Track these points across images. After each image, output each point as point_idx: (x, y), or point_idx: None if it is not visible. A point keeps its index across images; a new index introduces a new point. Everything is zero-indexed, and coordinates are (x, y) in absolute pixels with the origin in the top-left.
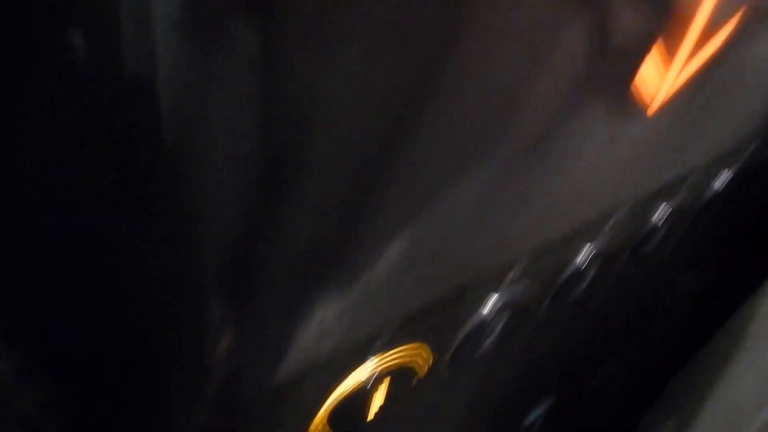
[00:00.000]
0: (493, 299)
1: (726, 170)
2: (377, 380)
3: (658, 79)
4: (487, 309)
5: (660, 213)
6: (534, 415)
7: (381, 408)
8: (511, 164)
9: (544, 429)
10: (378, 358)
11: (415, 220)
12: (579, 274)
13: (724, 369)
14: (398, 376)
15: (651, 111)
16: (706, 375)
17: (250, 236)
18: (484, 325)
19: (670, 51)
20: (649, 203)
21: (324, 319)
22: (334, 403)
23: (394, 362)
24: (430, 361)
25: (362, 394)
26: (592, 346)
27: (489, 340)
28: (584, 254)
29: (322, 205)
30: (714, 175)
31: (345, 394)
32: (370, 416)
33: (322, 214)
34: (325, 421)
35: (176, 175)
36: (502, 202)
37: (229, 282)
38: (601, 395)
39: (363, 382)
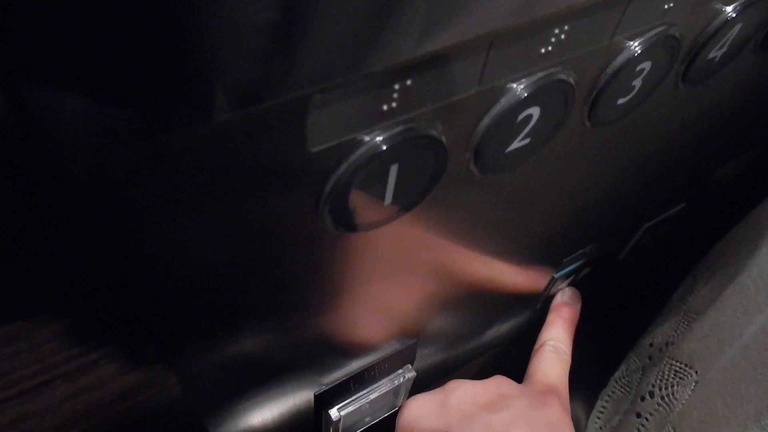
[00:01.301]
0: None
1: None
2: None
3: None
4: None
5: None
6: (573, 265)
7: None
8: None
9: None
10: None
11: None
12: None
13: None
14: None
15: None
16: (746, 244)
17: None
18: (510, 115)
19: None
20: None
21: None
22: None
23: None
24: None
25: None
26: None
27: (519, 141)
28: None
29: None
30: None
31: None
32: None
33: None
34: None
35: None
36: None
37: None
38: (640, 255)
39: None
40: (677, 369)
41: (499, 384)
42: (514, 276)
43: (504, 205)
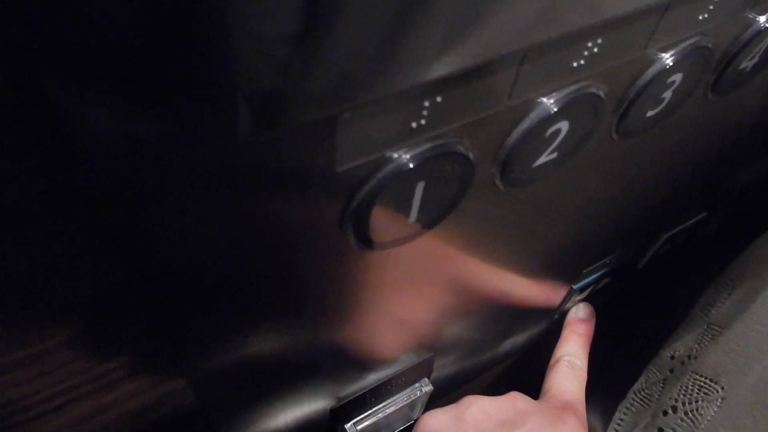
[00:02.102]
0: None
1: None
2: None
3: None
4: (540, 111)
5: None
6: (594, 275)
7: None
8: None
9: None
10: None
11: None
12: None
13: None
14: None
15: None
16: None
17: None
18: (539, 130)
19: None
20: None
21: None
22: None
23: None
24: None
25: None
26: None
27: (546, 155)
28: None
29: None
30: None
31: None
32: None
33: None
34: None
35: None
36: None
37: None
38: (660, 263)
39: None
40: (701, 384)
41: (515, 400)
42: (533, 288)
43: (525, 218)
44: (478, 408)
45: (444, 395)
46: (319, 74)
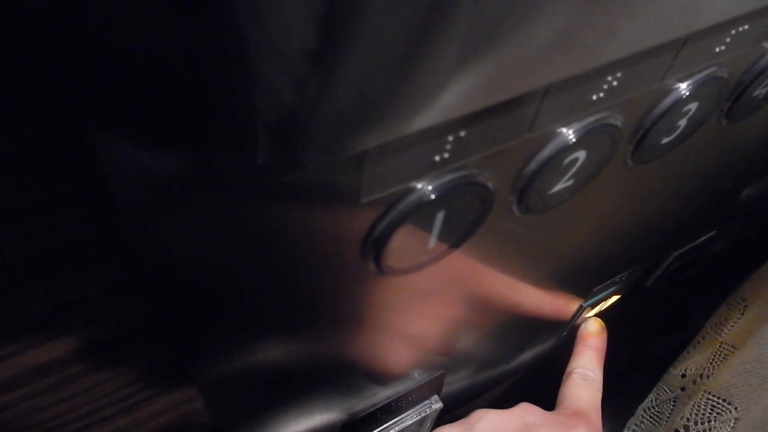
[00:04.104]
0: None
1: None
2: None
3: None
4: (558, 142)
5: None
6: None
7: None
8: None
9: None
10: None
11: None
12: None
13: None
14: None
15: None
16: None
17: None
18: (556, 159)
19: None
20: None
21: None
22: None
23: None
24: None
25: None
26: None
27: (563, 183)
28: None
29: None
30: None
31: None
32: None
33: None
34: None
35: None
36: None
37: None
38: (668, 281)
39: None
40: (714, 404)
41: (523, 413)
42: (544, 307)
43: (538, 240)
44: (486, 423)
45: (452, 410)
46: (347, 116)
